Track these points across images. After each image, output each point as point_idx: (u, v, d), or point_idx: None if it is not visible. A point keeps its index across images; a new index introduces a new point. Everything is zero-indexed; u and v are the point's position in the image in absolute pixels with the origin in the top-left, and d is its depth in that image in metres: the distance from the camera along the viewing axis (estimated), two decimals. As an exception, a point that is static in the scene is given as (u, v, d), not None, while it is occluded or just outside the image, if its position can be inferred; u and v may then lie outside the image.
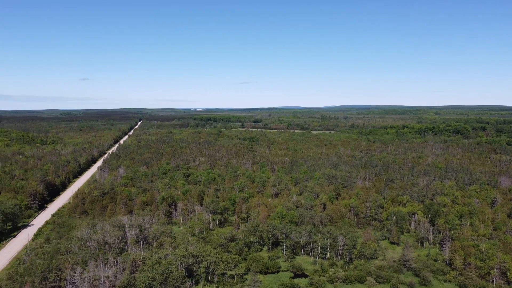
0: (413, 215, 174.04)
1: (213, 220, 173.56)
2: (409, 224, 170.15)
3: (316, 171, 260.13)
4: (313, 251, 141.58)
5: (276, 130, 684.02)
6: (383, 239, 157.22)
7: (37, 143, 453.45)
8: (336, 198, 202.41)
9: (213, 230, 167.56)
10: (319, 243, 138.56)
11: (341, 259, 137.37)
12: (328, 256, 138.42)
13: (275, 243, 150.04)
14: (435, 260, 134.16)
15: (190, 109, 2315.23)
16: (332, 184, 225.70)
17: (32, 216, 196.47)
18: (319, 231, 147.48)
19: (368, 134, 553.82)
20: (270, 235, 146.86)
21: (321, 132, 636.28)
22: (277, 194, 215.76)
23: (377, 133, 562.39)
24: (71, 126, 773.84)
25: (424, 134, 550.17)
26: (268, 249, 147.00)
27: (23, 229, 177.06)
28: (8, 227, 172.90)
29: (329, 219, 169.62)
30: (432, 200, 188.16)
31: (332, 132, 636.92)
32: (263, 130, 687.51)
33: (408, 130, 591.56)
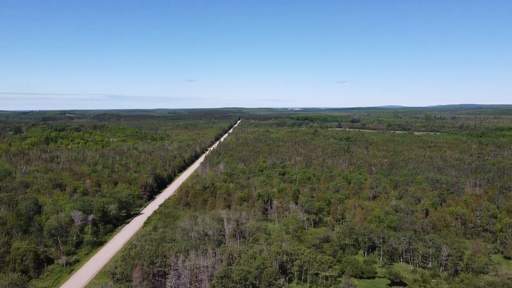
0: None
1: (307, 219, 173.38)
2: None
3: (418, 175, 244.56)
4: (413, 259, 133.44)
5: (374, 131, 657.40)
6: (495, 253, 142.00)
7: (148, 139, 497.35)
8: (441, 204, 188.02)
9: (307, 229, 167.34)
10: (420, 251, 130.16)
11: (444, 270, 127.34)
12: (429, 266, 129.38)
13: (372, 248, 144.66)
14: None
15: (286, 108, 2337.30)
16: (436, 189, 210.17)
17: (142, 206, 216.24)
18: (420, 238, 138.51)
19: (480, 136, 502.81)
20: (366, 239, 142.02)
21: (424, 133, 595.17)
22: (374, 197, 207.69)
23: (490, 135, 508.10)
24: (178, 124, 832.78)
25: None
26: (364, 253, 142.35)
27: (135, 216, 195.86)
28: (123, 214, 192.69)
29: (432, 226, 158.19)
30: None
31: (438, 133, 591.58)
32: (361, 130, 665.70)
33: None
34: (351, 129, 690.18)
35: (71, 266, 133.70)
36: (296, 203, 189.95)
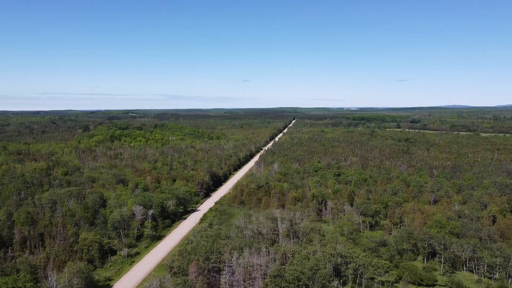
0: None
1: (363, 222, 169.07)
2: None
3: (484, 179, 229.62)
4: (478, 269, 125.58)
5: (436, 132, 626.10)
6: None
7: (205, 138, 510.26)
8: (510, 211, 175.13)
9: (362, 232, 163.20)
10: (486, 261, 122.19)
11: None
12: (496, 276, 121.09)
13: (432, 254, 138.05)
14: None
15: (343, 108, 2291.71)
16: (505, 195, 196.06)
17: (199, 202, 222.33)
18: (486, 246, 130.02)
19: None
20: (426, 245, 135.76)
21: (492, 134, 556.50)
22: (435, 201, 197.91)
23: None
24: (233, 123, 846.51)
25: None
26: (423, 260, 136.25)
27: (192, 213, 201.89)
28: (180, 210, 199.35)
29: (500, 234, 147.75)
30: None
31: (507, 135, 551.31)
32: (421, 131, 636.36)
33: None
34: (410, 130, 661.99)
35: (132, 258, 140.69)
36: (352, 205, 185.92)
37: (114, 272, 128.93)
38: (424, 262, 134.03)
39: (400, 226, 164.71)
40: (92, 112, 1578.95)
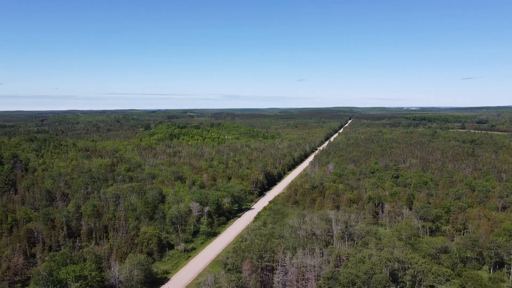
0: None
1: (422, 226, 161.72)
2: None
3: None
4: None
5: (506, 133, 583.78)
6: None
7: (260, 137, 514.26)
8: None
9: (422, 237, 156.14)
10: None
11: None
12: None
13: (499, 264, 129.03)
14: None
15: (402, 108, 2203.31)
16: None
17: (253, 201, 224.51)
18: None
19: None
20: (493, 254, 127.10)
21: None
22: (504, 208, 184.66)
23: None
24: (288, 123, 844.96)
25: None
26: (489, 269, 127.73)
27: (246, 211, 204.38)
28: (235, 208, 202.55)
29: None
30: None
31: None
32: (489, 132, 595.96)
33: None
34: (476, 131, 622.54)
35: (188, 253, 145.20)
36: (410, 209, 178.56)
37: (171, 266, 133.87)
38: (490, 273, 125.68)
39: (463, 233, 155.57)
40: (153, 112, 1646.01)
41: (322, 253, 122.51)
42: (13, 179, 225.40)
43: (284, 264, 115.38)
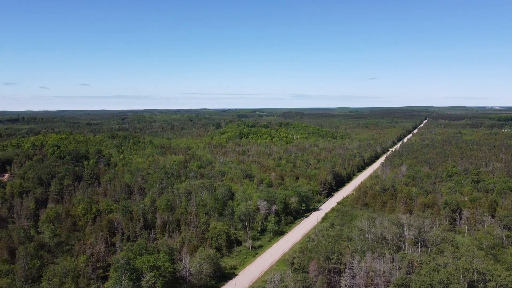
0: None
1: (507, 236, 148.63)
2: None
3: None
4: None
5: None
6: None
7: (328, 137, 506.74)
8: None
9: (506, 248, 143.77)
10: None
11: None
12: None
13: None
14: None
15: (484, 107, 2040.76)
16: None
17: (321, 202, 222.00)
18: None
19: None
20: None
21: None
22: None
23: None
24: (358, 123, 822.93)
25: None
26: None
27: (313, 211, 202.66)
28: (303, 208, 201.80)
29: None
30: None
31: None
32: None
33: None
34: None
35: (255, 250, 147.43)
36: (493, 216, 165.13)
37: (239, 262, 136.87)
38: None
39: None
40: (224, 111, 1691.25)
41: (393, 259, 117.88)
42: (97, 173, 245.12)
43: (352, 267, 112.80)
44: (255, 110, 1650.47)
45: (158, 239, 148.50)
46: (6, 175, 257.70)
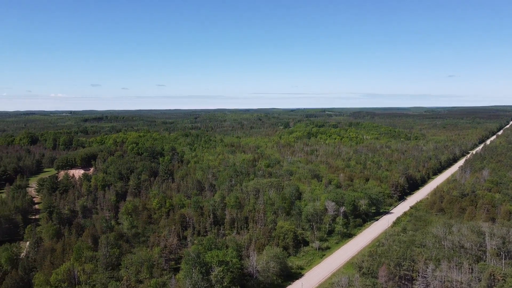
0: None
1: None
2: None
3: None
4: None
5: None
6: None
7: (401, 138, 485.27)
8: None
9: None
10: None
11: None
12: None
13: None
14: None
15: None
16: None
17: (392, 205, 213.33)
18: None
19: None
20: None
21: None
22: None
23: None
24: (435, 123, 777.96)
25: None
26: None
27: (384, 215, 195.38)
28: (372, 211, 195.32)
29: None
30: None
31: None
32: None
33: None
34: None
35: (323, 252, 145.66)
36: None
37: (306, 262, 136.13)
38: None
39: None
40: (292, 110, 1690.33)
41: (472, 269, 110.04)
42: (171, 169, 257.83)
43: (425, 275, 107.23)
44: (324, 110, 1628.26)
45: (226, 235, 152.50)
46: (92, 169, 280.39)
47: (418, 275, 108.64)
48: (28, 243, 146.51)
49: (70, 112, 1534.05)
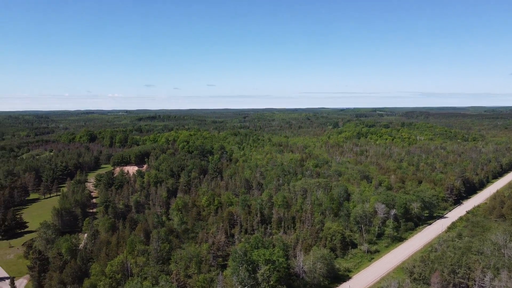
0: None
1: None
2: None
3: None
4: None
5: None
6: None
7: (458, 139, 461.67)
8: None
9: None
10: None
11: None
12: None
13: None
14: None
15: None
16: None
17: (447, 209, 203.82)
18: None
19: None
20: None
21: None
22: None
23: None
24: (495, 123, 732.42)
25: None
26: None
27: (438, 219, 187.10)
28: (425, 215, 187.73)
29: None
30: None
31: None
32: None
33: None
34: None
35: (371, 255, 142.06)
36: None
37: (353, 265, 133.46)
38: None
39: None
40: (342, 110, 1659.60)
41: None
42: (220, 167, 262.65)
43: (483, 284, 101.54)
44: (375, 109, 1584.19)
45: (273, 234, 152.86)
46: (145, 166, 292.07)
47: (475, 284, 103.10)
48: (86, 235, 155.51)
49: (126, 111, 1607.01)
